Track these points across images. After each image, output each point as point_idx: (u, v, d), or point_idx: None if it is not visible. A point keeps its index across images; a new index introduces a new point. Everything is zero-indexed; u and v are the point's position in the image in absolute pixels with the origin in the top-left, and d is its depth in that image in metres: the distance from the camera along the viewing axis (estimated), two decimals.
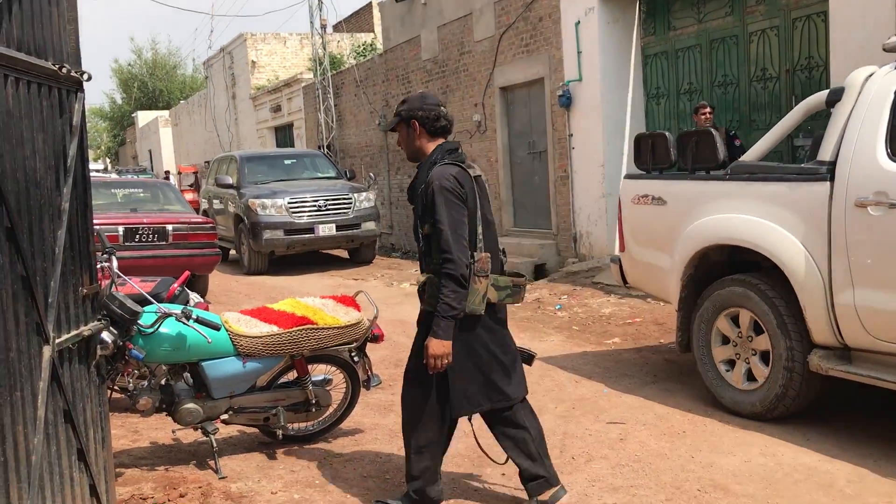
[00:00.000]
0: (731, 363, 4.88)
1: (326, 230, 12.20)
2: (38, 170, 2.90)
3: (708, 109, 8.54)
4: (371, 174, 14.98)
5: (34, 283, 2.82)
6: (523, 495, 3.63)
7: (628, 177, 6.08)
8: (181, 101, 38.07)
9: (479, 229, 3.38)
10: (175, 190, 10.96)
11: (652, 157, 5.60)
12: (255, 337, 4.19)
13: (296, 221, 12.04)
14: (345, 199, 12.44)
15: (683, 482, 3.87)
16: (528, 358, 3.63)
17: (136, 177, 21.13)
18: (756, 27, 8.60)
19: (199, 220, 9.98)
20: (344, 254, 13.91)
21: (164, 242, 9.09)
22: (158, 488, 3.98)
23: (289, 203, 12.09)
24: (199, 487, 3.99)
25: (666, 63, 9.88)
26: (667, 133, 5.65)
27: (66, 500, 3.07)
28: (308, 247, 12.51)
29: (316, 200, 12.26)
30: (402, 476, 3.75)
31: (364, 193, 12.75)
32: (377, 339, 4.57)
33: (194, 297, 4.31)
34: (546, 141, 11.26)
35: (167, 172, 31.76)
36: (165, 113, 39.53)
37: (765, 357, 4.61)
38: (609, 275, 9.73)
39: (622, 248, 5.95)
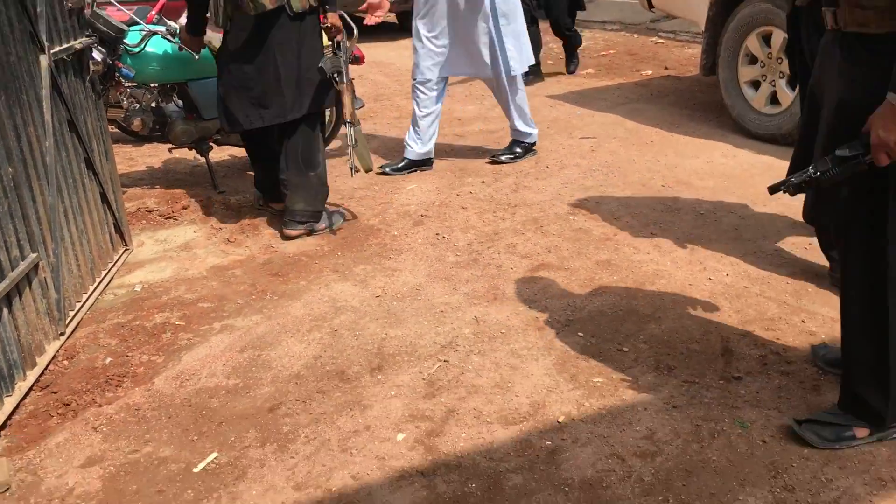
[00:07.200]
0: (755, 85, 4.79)
1: None
2: None
3: None
4: None
5: None
6: None
7: None
8: None
9: None
10: None
11: None
12: None
13: None
14: None
15: (649, 181, 4.20)
16: None
17: None
18: None
19: None
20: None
21: None
22: (161, 202, 4.25)
23: None
24: (199, 200, 4.27)
25: None
26: None
27: (81, 203, 3.34)
28: None
29: None
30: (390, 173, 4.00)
31: None
32: (358, 60, 4.65)
33: (172, 24, 4.30)
34: None
35: None
36: None
37: (792, 82, 4.06)
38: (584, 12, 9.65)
39: None
